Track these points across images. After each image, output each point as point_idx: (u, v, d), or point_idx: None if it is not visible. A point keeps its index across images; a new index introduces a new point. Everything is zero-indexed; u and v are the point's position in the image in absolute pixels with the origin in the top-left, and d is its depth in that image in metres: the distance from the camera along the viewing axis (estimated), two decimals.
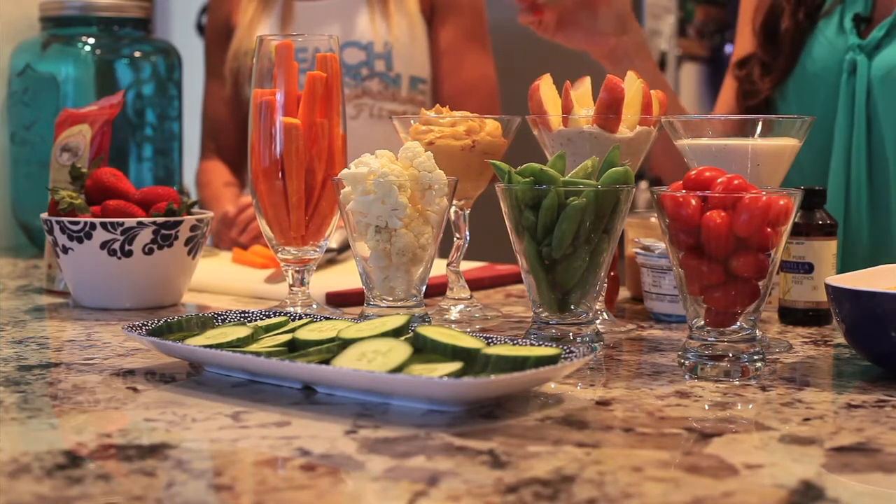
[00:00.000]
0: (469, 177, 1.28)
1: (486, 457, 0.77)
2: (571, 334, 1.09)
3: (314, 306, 1.30)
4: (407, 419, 0.86)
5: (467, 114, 1.31)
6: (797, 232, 1.26)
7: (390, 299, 1.16)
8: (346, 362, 0.91)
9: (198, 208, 1.45)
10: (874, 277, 1.11)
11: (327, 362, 0.92)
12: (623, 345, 1.19)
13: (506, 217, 1.10)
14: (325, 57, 1.31)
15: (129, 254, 1.34)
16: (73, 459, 0.76)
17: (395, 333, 0.96)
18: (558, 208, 1.06)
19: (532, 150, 1.30)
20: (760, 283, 1.00)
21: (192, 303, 1.44)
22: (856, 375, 1.04)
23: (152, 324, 1.05)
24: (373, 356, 0.91)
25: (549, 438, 0.81)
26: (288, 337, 1.01)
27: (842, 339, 1.17)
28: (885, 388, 0.98)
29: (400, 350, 0.91)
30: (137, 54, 1.98)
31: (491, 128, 1.30)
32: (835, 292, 1.03)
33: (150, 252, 1.34)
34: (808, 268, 1.26)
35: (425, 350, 0.92)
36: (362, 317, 1.16)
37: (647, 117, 1.22)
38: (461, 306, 1.33)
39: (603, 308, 1.27)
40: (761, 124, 1.15)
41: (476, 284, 1.51)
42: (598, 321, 1.22)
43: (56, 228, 1.35)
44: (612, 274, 1.33)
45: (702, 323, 1.02)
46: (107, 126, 1.48)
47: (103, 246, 1.33)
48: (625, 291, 1.49)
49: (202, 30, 2.78)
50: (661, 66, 3.66)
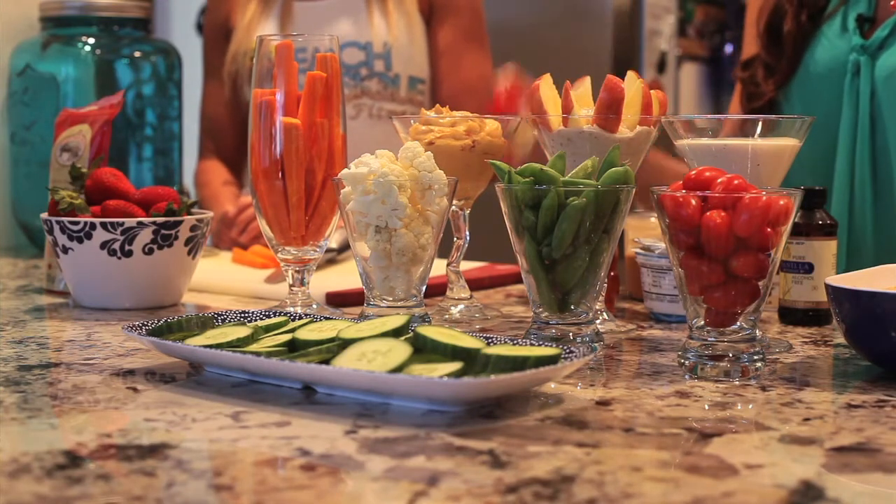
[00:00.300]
0: (469, 177, 1.28)
1: (486, 457, 0.77)
2: (571, 334, 1.09)
3: (314, 306, 1.30)
4: (407, 419, 0.86)
5: (467, 114, 1.31)
6: (797, 232, 1.26)
7: (390, 299, 1.16)
8: (346, 362, 0.91)
9: (197, 208, 1.45)
10: (874, 277, 1.11)
11: (327, 362, 0.92)
12: (623, 345, 1.19)
13: (506, 217, 1.10)
14: (325, 57, 1.31)
15: (129, 254, 1.33)
16: (73, 459, 0.76)
17: (395, 333, 0.96)
18: (558, 208, 1.06)
19: (532, 150, 1.29)
20: (760, 283, 1.00)
21: (192, 303, 1.44)
22: (856, 375, 1.04)
23: (152, 324, 1.05)
24: (373, 356, 0.91)
25: (549, 438, 0.81)
26: (288, 337, 1.01)
27: (842, 339, 1.17)
28: (885, 388, 0.98)
29: (400, 350, 0.91)
30: (137, 54, 1.98)
31: (491, 128, 1.30)
32: (835, 292, 1.03)
33: (150, 252, 1.34)
34: (808, 268, 1.26)
35: (425, 350, 0.92)
36: (362, 317, 1.15)
37: (647, 117, 1.22)
38: (461, 306, 1.33)
39: (603, 308, 1.27)
40: (761, 124, 1.15)
41: (476, 284, 1.51)
42: (598, 321, 1.22)
43: (56, 228, 1.35)
44: (612, 274, 1.33)
45: (702, 323, 1.02)
46: (107, 126, 1.48)
47: (103, 246, 1.33)
48: (625, 291, 1.49)
49: (202, 30, 2.78)
50: (661, 67, 3.66)
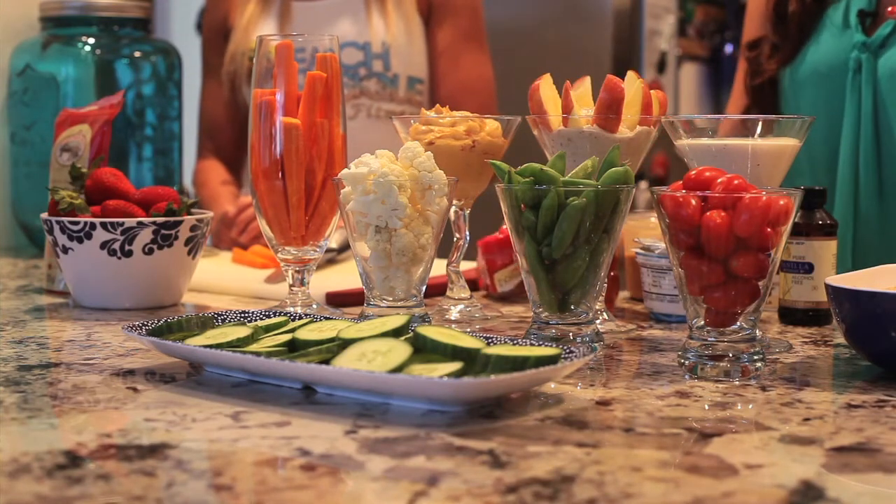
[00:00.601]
0: (469, 177, 1.28)
1: (486, 457, 0.77)
2: (571, 334, 1.09)
3: (314, 306, 1.30)
4: (407, 419, 0.86)
5: (467, 114, 1.31)
6: (797, 232, 1.26)
7: (390, 299, 1.16)
8: (346, 362, 0.91)
9: (197, 208, 1.45)
10: (874, 277, 1.11)
11: (327, 362, 0.92)
12: (623, 345, 1.19)
13: (506, 217, 1.10)
14: (325, 57, 1.31)
15: (129, 254, 1.33)
16: (73, 459, 0.76)
17: (395, 333, 0.96)
18: (558, 208, 1.06)
19: (532, 150, 1.30)
20: (760, 283, 1.00)
21: (192, 303, 1.44)
22: (856, 375, 1.04)
23: (152, 324, 1.05)
24: (373, 356, 0.91)
25: (549, 438, 0.81)
26: (288, 337, 1.01)
27: (842, 339, 1.17)
28: (885, 388, 0.98)
29: (400, 350, 0.91)
30: (137, 54, 1.98)
31: (491, 128, 1.30)
32: (835, 292, 1.03)
33: (150, 252, 1.34)
34: (808, 268, 1.26)
35: (425, 350, 0.92)
36: (362, 317, 1.15)
37: (647, 117, 1.22)
38: (461, 306, 1.33)
39: (603, 308, 1.27)
40: (761, 124, 1.15)
41: (476, 284, 1.51)
42: (598, 321, 1.22)
43: (56, 228, 1.35)
44: (612, 274, 1.33)
45: (702, 323, 1.02)
46: (107, 126, 1.48)
47: (103, 246, 1.33)
48: (625, 291, 1.49)
49: (202, 29, 2.78)
50: (661, 67, 3.66)
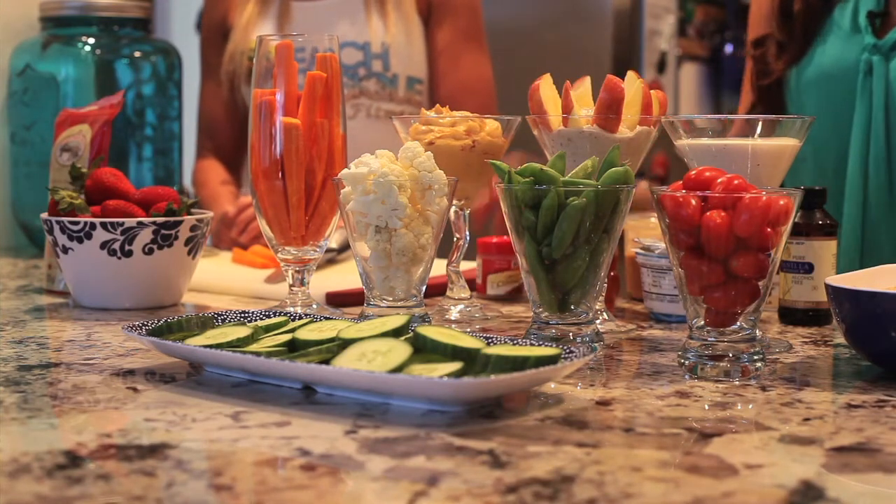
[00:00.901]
0: (469, 177, 1.28)
1: (486, 457, 0.77)
2: (571, 334, 1.09)
3: (314, 306, 1.30)
4: (407, 419, 0.86)
5: (467, 114, 1.31)
6: (797, 232, 1.26)
7: (390, 299, 1.16)
8: (346, 362, 0.91)
9: (197, 208, 1.45)
10: (874, 277, 1.11)
11: (327, 362, 0.92)
12: (623, 345, 1.19)
13: (506, 217, 1.10)
14: (325, 57, 1.31)
15: (129, 254, 1.33)
16: (73, 459, 0.76)
17: (395, 333, 0.96)
18: (558, 208, 1.06)
19: (532, 150, 1.30)
20: (760, 283, 1.00)
21: (192, 303, 1.44)
22: (856, 375, 1.04)
23: (152, 324, 1.05)
24: (373, 356, 0.91)
25: (549, 438, 0.81)
26: (288, 337, 1.01)
27: (842, 339, 1.17)
28: (885, 388, 0.98)
29: (400, 350, 0.91)
30: (137, 54, 1.98)
31: (491, 128, 1.30)
32: (835, 292, 1.03)
33: (150, 252, 1.34)
34: (808, 268, 1.26)
35: (425, 350, 0.92)
36: (362, 317, 1.15)
37: (647, 117, 1.22)
38: (461, 306, 1.33)
39: (603, 308, 1.27)
40: (761, 124, 1.15)
41: (476, 284, 1.51)
42: (598, 321, 1.22)
43: (56, 228, 1.35)
44: (612, 274, 1.33)
45: (702, 323, 1.02)
46: (107, 126, 1.48)
47: (103, 246, 1.33)
48: (625, 291, 1.49)
49: (201, 29, 2.77)
50: (661, 67, 3.66)
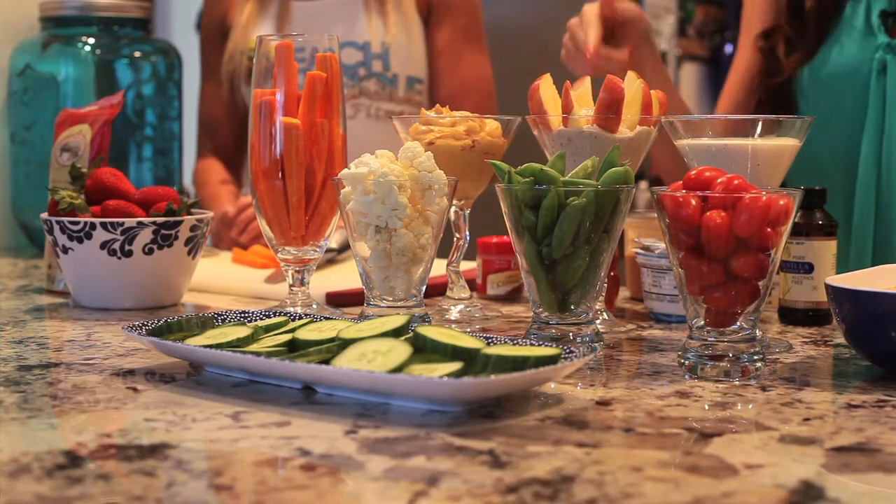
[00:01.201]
0: (469, 177, 1.28)
1: (486, 457, 0.77)
2: (571, 334, 1.09)
3: (314, 306, 1.30)
4: (407, 419, 0.86)
5: (467, 114, 1.31)
6: (797, 232, 1.26)
7: (390, 299, 1.16)
8: (346, 362, 0.91)
9: (197, 208, 1.45)
10: (874, 277, 1.11)
11: (327, 362, 0.92)
12: (623, 345, 1.19)
13: (506, 217, 1.10)
14: (325, 57, 1.31)
15: (129, 254, 1.34)
16: (73, 459, 0.76)
17: (395, 333, 0.96)
18: (558, 208, 1.06)
19: (532, 150, 1.30)
20: (760, 283, 1.00)
21: (192, 303, 1.44)
22: (856, 375, 1.04)
23: (152, 324, 1.05)
24: (373, 356, 0.91)
25: (549, 438, 0.81)
26: (288, 337, 1.01)
27: (842, 339, 1.17)
28: (885, 388, 0.98)
29: (400, 350, 0.91)
30: (137, 54, 1.98)
31: (491, 128, 1.30)
32: (835, 292, 1.03)
33: (150, 252, 1.34)
34: (808, 268, 1.26)
35: (425, 350, 0.92)
36: (362, 317, 1.16)
37: (647, 117, 1.22)
38: (461, 306, 1.33)
39: (603, 308, 1.27)
40: (761, 124, 1.15)
41: (476, 284, 1.51)
42: (598, 321, 1.22)
43: (56, 228, 1.35)
44: (612, 274, 1.33)
45: (702, 323, 1.02)
46: (107, 126, 1.48)
47: (103, 246, 1.33)
48: (625, 291, 1.49)
49: (201, 28, 2.77)
50: None
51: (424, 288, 1.18)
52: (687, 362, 1.02)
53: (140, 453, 0.77)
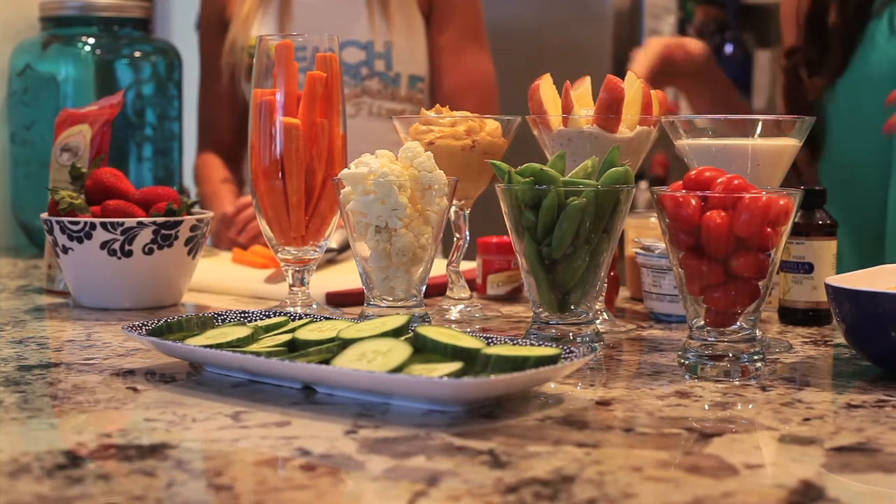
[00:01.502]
0: (469, 177, 1.28)
1: (486, 457, 0.77)
2: (571, 334, 1.09)
3: (314, 306, 1.30)
4: (407, 419, 0.86)
5: (467, 114, 1.31)
6: (797, 232, 1.26)
7: (390, 299, 1.16)
8: (346, 362, 0.91)
9: (198, 207, 1.45)
10: (874, 277, 1.11)
11: (327, 362, 0.92)
12: (623, 345, 1.19)
13: (506, 217, 1.10)
14: (325, 57, 1.31)
15: (129, 254, 1.33)
16: (73, 459, 0.76)
17: (395, 333, 0.96)
18: (558, 208, 1.06)
19: (532, 150, 1.30)
20: (760, 283, 1.00)
21: (192, 303, 1.44)
22: (856, 375, 1.04)
23: (152, 324, 1.05)
24: (373, 356, 0.91)
25: (549, 438, 0.81)
26: (288, 337, 1.01)
27: (842, 339, 1.17)
28: (885, 388, 0.98)
29: (400, 350, 0.91)
30: (137, 54, 1.98)
31: (491, 128, 1.30)
32: (835, 292, 1.03)
33: (150, 252, 1.34)
34: (808, 268, 1.26)
35: (425, 350, 0.92)
36: (362, 317, 1.15)
37: (647, 117, 1.22)
38: (461, 306, 1.33)
39: (603, 308, 1.27)
40: (761, 124, 1.15)
41: (476, 284, 1.51)
42: (598, 321, 1.22)
43: (56, 228, 1.35)
44: (612, 274, 1.33)
45: (702, 323, 1.02)
46: (107, 126, 1.48)
47: (103, 246, 1.33)
48: (625, 291, 1.49)
49: (200, 20, 2.76)
50: None
51: (424, 288, 1.18)
52: (687, 362, 1.02)
53: (140, 453, 0.77)
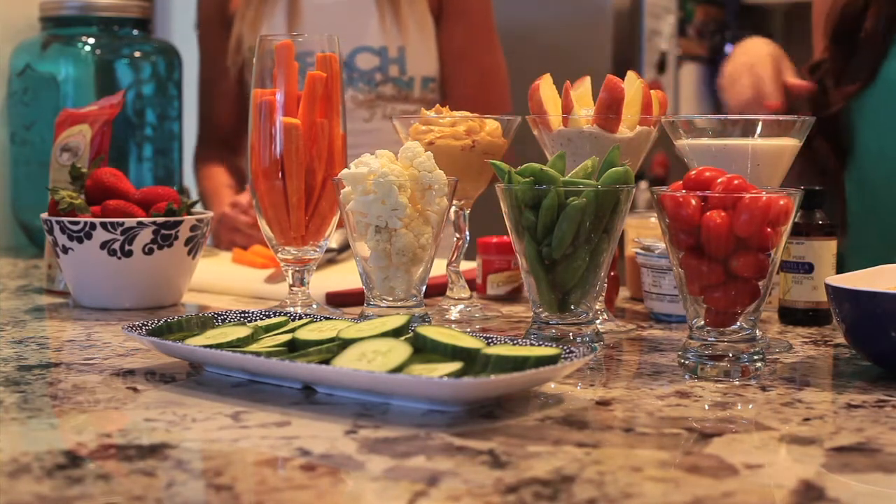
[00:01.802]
0: (469, 177, 1.28)
1: (486, 457, 0.77)
2: (571, 334, 1.09)
3: (314, 306, 1.30)
4: (407, 419, 0.86)
5: (467, 114, 1.31)
6: (797, 232, 1.26)
7: (390, 299, 1.16)
8: (346, 362, 0.91)
9: (199, 207, 1.45)
10: (874, 277, 1.11)
11: (327, 362, 0.92)
12: (623, 345, 1.19)
13: (506, 217, 1.10)
14: (326, 57, 1.31)
15: (129, 254, 1.33)
16: (73, 459, 0.76)
17: (395, 333, 0.96)
18: (558, 208, 1.06)
19: (532, 150, 1.30)
20: (760, 283, 1.00)
21: (192, 303, 1.44)
22: (856, 375, 1.04)
23: (152, 324, 1.05)
24: (373, 356, 0.91)
25: (549, 438, 0.81)
26: (288, 337, 1.01)
27: (842, 339, 1.17)
28: (885, 388, 0.98)
29: (400, 350, 0.91)
30: (137, 54, 1.98)
31: (491, 128, 1.30)
32: (835, 292, 1.03)
33: (150, 252, 1.34)
34: (808, 268, 1.26)
35: (425, 350, 0.92)
36: (362, 317, 1.16)
37: (647, 117, 1.22)
38: (461, 306, 1.33)
39: (603, 308, 1.27)
40: (761, 124, 1.15)
41: (476, 284, 1.51)
42: (598, 321, 1.22)
43: (56, 228, 1.35)
44: (612, 274, 1.33)
45: (702, 323, 1.02)
46: (107, 126, 1.48)
47: (103, 246, 1.33)
48: (625, 291, 1.49)
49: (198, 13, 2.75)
50: (661, 67, 3.66)
51: (424, 288, 1.18)
52: (687, 362, 1.02)
53: (140, 453, 0.77)
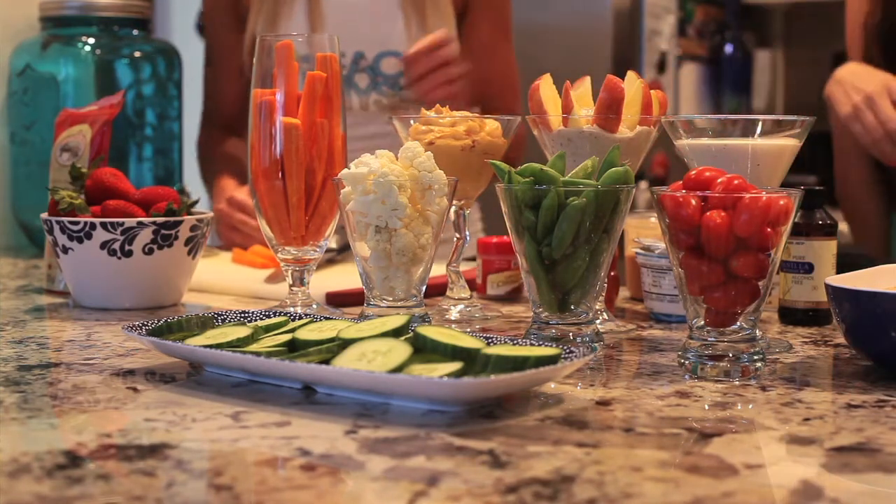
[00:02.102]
0: (469, 177, 1.28)
1: (486, 457, 0.77)
2: (571, 334, 1.09)
3: (314, 306, 1.30)
4: (407, 419, 0.86)
5: (467, 114, 1.31)
6: (797, 232, 1.26)
7: (390, 299, 1.16)
8: (346, 362, 0.91)
9: (199, 207, 1.45)
10: (874, 277, 1.11)
11: (327, 362, 0.92)
12: (623, 345, 1.19)
13: (506, 217, 1.10)
14: (326, 57, 1.31)
15: (129, 254, 1.33)
16: (73, 459, 0.76)
17: (395, 333, 0.96)
18: (558, 208, 1.06)
19: (532, 150, 1.30)
20: (760, 283, 1.00)
21: (192, 303, 1.44)
22: (856, 375, 1.04)
23: (152, 324, 1.05)
24: (373, 356, 0.91)
25: (549, 438, 0.81)
26: (288, 337, 1.01)
27: (842, 339, 1.17)
28: (885, 388, 0.98)
29: (400, 350, 0.91)
30: (137, 54, 1.98)
31: (491, 128, 1.30)
32: (835, 292, 1.03)
33: (150, 252, 1.34)
34: (808, 268, 1.26)
35: (425, 350, 0.92)
36: (362, 317, 1.16)
37: (647, 117, 1.22)
38: (461, 306, 1.33)
39: (603, 308, 1.27)
40: (761, 124, 1.15)
41: (476, 284, 1.51)
42: (598, 321, 1.22)
43: (56, 228, 1.35)
44: (612, 274, 1.33)
45: (702, 323, 1.02)
46: (107, 126, 1.48)
47: (103, 246, 1.33)
48: (625, 291, 1.49)
49: (202, 30, 2.75)
50: (661, 67, 3.66)
51: (424, 288, 1.18)
52: (687, 362, 1.02)
53: (140, 453, 0.77)
